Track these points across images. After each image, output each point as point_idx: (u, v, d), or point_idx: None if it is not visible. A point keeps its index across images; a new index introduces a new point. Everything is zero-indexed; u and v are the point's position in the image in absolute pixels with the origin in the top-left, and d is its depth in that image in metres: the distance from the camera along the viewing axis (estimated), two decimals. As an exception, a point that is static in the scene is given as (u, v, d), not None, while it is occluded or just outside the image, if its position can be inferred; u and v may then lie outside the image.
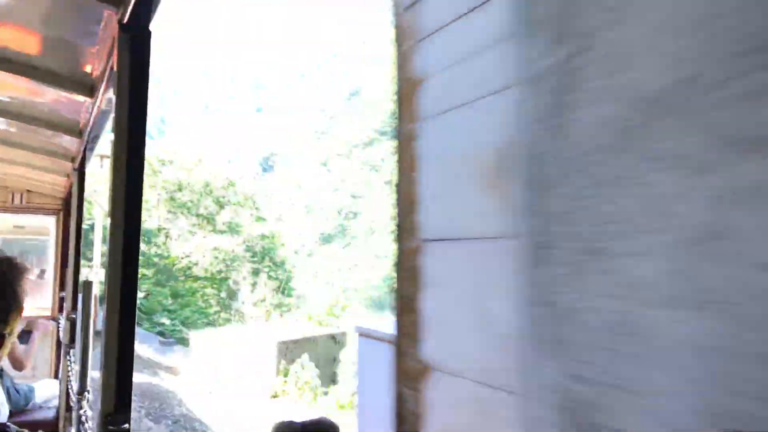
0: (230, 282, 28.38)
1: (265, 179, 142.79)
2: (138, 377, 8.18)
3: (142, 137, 1.94)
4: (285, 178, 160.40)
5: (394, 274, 0.89)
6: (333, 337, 9.16)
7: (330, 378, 8.59)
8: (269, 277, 17.30)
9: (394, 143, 0.97)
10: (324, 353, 8.88)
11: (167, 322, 25.47)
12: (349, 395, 7.26)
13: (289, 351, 8.37)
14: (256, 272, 27.28)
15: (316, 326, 14.64)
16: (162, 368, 8.79)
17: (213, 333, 9.61)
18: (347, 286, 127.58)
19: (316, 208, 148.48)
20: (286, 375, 7.99)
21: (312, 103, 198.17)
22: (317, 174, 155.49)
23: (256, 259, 28.74)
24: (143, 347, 10.54)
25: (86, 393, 3.37)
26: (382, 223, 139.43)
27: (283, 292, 14.73)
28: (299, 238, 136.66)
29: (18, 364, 4.73)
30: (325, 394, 7.86)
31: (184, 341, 17.97)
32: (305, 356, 8.19)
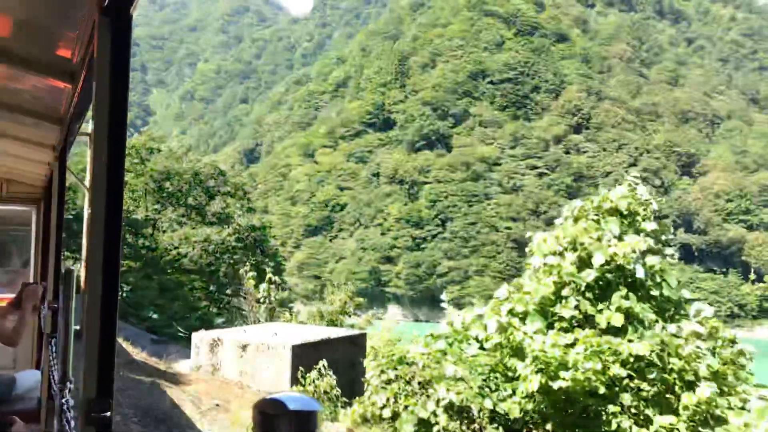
0: (220, 275, 27.93)
1: (250, 170, 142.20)
2: (136, 388, 7.69)
3: (123, 126, 1.94)
4: (270, 169, 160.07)
5: None
6: (352, 340, 8.61)
7: (349, 386, 8.05)
8: (263, 270, 16.78)
9: None
10: (342, 358, 8.34)
11: (155, 316, 24.97)
12: (378, 408, 6.70)
13: (305, 356, 7.84)
14: (245, 264, 26.87)
15: (328, 326, 14.08)
16: (161, 375, 8.27)
17: (216, 334, 9.00)
18: (333, 278, 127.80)
19: (302, 200, 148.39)
20: (302, 384, 7.47)
21: (298, 94, 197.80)
22: (303, 165, 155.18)
23: (247, 251, 28.30)
24: (135, 349, 9.97)
25: (68, 382, 3.38)
26: (369, 215, 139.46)
27: (278, 287, 14.23)
28: (285, 230, 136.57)
29: (7, 339, 4.46)
30: (347, 405, 7.32)
31: (178, 339, 17.46)
32: (323, 362, 7.64)
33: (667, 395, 5.80)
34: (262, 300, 12.94)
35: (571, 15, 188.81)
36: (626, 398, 5.87)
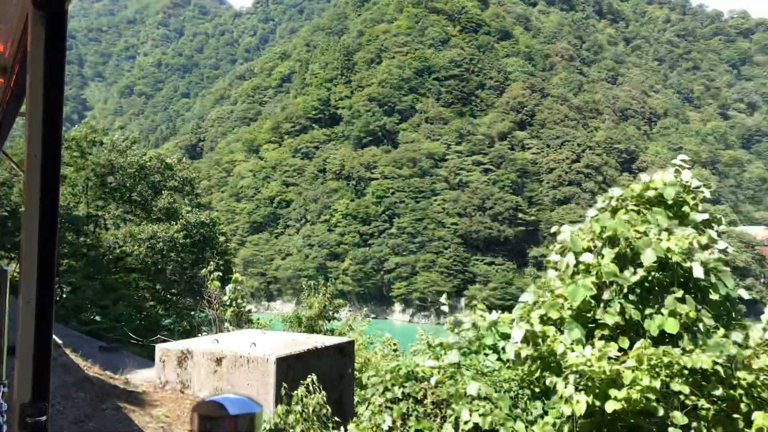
0: (168, 274, 26.43)
1: (193, 166, 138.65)
2: (98, 416, 6.45)
3: (58, 122, 1.90)
4: (214, 165, 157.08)
5: None
6: (340, 348, 7.48)
7: (337, 402, 6.94)
8: (216, 269, 15.51)
9: None
10: (330, 370, 7.21)
11: (99, 319, 23.46)
12: None
13: (291, 369, 6.71)
14: (196, 263, 25.49)
15: (307, 332, 12.98)
16: (121, 396, 7.03)
17: (184, 345, 7.76)
18: (279, 275, 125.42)
19: (247, 196, 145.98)
20: (288, 403, 6.33)
21: (241, 89, 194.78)
22: (248, 161, 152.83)
23: (196, 248, 26.86)
24: (86, 362, 8.59)
25: (2, 386, 3.31)
26: (315, 211, 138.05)
27: (244, 288, 12.94)
28: (230, 227, 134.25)
29: None
30: (338, 426, 6.22)
31: (128, 345, 16.13)
32: (312, 376, 6.50)
33: (734, 415, 5.02)
34: (228, 303, 11.75)
35: (514, 13, 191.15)
36: (678, 417, 5.04)
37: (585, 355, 5.03)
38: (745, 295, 5.62)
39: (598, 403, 4.98)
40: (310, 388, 6.86)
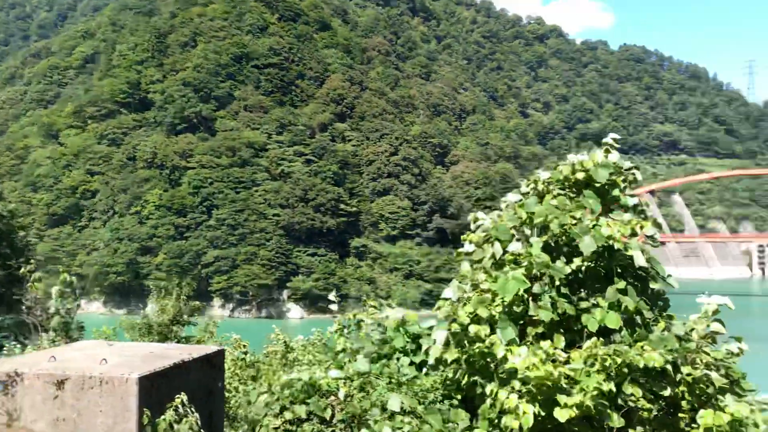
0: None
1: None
2: None
3: None
4: (5, 151, 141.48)
5: None
6: (209, 360, 6.13)
7: (207, 422, 5.63)
8: (18, 268, 13.02)
9: None
10: (199, 386, 5.87)
11: None
12: None
13: (156, 389, 5.30)
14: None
15: (161, 342, 11.20)
16: None
17: (12, 365, 5.95)
18: (84, 272, 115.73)
19: (45, 186, 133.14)
20: (155, 431, 4.91)
21: (36, 68, 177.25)
22: (45, 147, 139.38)
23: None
24: None
25: None
26: (124, 202, 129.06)
27: (74, 292, 10.74)
28: (26, 220, 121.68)
29: None
30: None
31: None
32: (182, 396, 5.12)
33: (680, 414, 4.59)
34: (56, 309, 9.72)
35: (332, 4, 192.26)
36: (615, 419, 4.53)
37: (529, 358, 4.35)
38: (675, 284, 5.29)
39: (543, 413, 4.33)
40: (180, 410, 5.56)
